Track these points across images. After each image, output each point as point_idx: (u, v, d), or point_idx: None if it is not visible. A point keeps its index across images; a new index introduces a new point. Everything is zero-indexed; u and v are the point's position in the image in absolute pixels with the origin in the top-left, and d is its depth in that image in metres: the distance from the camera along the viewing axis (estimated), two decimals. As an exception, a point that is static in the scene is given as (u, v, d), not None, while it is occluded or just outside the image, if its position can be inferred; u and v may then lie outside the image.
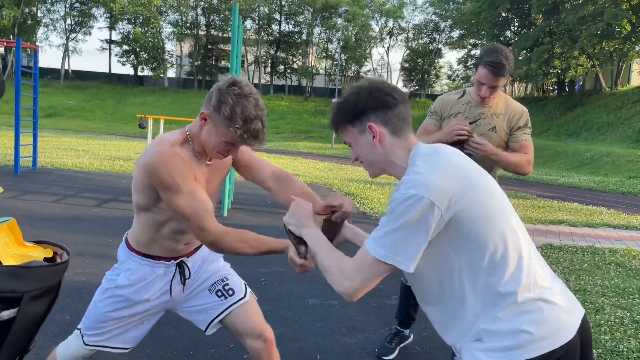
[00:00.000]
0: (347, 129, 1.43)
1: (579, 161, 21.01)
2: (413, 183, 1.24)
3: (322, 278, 4.37)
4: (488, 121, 2.60)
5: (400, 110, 1.39)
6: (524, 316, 1.22)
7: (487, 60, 2.39)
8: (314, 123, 42.28)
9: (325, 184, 11.24)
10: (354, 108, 1.40)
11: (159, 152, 1.67)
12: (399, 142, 1.38)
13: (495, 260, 1.23)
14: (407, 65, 54.43)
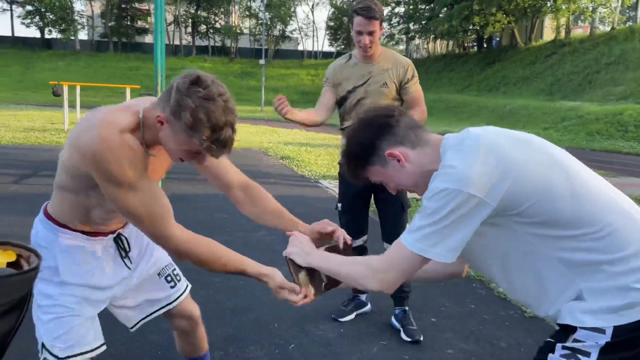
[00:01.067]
0: (369, 170, 1.35)
1: (499, 115, 22.08)
2: (446, 177, 1.17)
3: (269, 245, 4.33)
4: (378, 78, 2.70)
5: (404, 121, 1.33)
6: (632, 274, 1.12)
7: (357, 8, 2.55)
8: (241, 85, 41.29)
9: (260, 148, 11.07)
10: (363, 149, 1.33)
11: (106, 139, 1.35)
12: (423, 150, 1.31)
13: (578, 226, 1.15)
14: (332, 24, 54.00)
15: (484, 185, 1.14)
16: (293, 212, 5.28)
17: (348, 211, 2.93)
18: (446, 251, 1.18)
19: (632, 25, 28.19)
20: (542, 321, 3.01)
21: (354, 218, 2.93)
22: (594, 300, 1.15)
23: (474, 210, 1.15)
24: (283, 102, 2.62)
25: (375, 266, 1.26)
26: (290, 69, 47.38)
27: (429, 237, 1.18)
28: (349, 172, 1.41)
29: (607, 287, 1.14)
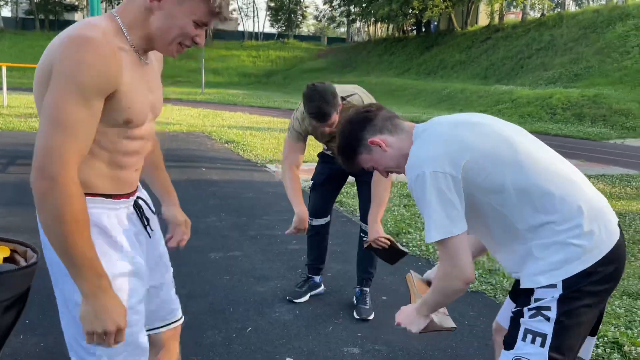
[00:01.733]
0: (359, 159, 1.56)
1: (438, 98, 22.74)
2: (411, 165, 1.40)
3: (220, 230, 4.31)
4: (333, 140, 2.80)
5: (383, 114, 1.54)
6: (570, 232, 1.32)
7: (310, 113, 2.42)
8: (180, 66, 40.01)
9: (202, 132, 10.86)
10: (350, 143, 1.54)
11: (84, 37, 1.10)
12: (400, 136, 1.52)
13: (524, 196, 1.34)
14: (272, 5, 53.25)
15: (444, 162, 1.34)
16: (242, 197, 5.31)
17: (319, 188, 3.02)
18: (456, 223, 1.35)
19: (560, 12, 29.66)
20: (482, 294, 3.21)
21: (322, 196, 3.03)
22: (542, 256, 1.34)
23: (447, 183, 1.33)
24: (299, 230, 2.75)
25: (445, 274, 1.41)
26: (230, 50, 46.42)
27: (437, 221, 1.34)
28: (344, 163, 1.61)
29: (550, 243, 1.34)
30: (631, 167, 8.60)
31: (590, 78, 20.24)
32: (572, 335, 1.33)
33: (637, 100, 15.89)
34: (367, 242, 2.61)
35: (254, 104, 20.96)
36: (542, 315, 1.33)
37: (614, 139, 13.00)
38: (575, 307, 1.32)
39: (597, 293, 1.34)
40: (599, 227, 1.34)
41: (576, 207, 1.34)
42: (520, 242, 1.38)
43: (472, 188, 1.36)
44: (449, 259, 1.37)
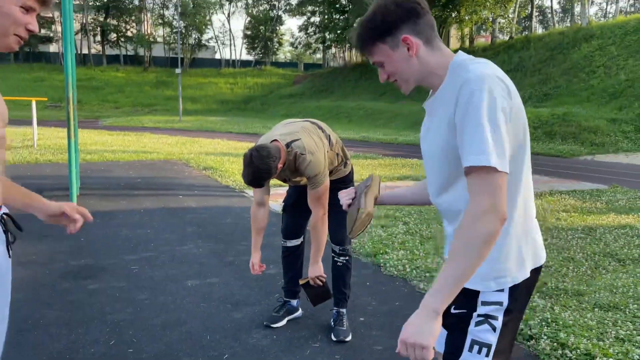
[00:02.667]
0: (378, 47, 1.31)
1: (413, 121, 23.09)
2: (478, 77, 1.18)
3: (197, 257, 4.29)
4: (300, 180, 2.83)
5: (430, 19, 1.31)
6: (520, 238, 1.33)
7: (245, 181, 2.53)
8: (157, 95, 40.03)
9: (180, 159, 10.83)
10: (383, 22, 1.28)
11: None
12: (432, 52, 1.30)
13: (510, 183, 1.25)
14: (249, 33, 53.87)
15: (506, 88, 1.20)
16: (220, 223, 5.34)
17: (290, 210, 3.05)
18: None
19: (528, 35, 30.63)
20: (460, 312, 3.25)
21: (292, 218, 3.06)
22: (495, 257, 1.26)
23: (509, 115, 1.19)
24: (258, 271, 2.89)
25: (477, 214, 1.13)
26: (208, 77, 46.62)
27: (499, 147, 1.15)
28: (358, 40, 1.35)
29: (504, 244, 1.27)
30: (601, 182, 8.84)
31: (559, 97, 20.86)
32: (508, 344, 1.32)
33: (604, 117, 16.40)
34: (306, 278, 2.81)
35: (232, 130, 21.00)
36: (489, 324, 1.28)
37: (584, 155, 13.36)
38: (515, 318, 1.31)
39: (526, 303, 1.37)
40: (539, 236, 1.37)
41: (531, 214, 1.34)
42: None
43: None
44: (492, 192, 1.11)
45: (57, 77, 40.13)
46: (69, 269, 3.93)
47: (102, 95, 38.67)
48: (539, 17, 57.50)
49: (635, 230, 5.27)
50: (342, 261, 2.99)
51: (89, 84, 40.12)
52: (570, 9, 36.80)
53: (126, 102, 37.42)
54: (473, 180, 1.15)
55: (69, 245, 4.53)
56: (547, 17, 58.56)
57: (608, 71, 20.95)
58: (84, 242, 4.66)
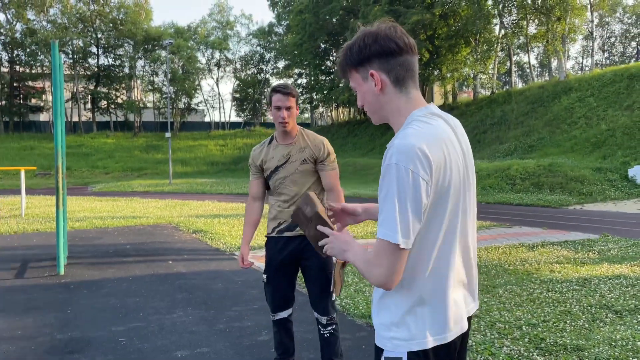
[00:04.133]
0: (352, 74, 1.39)
1: (403, 175, 23.30)
2: (397, 148, 1.23)
3: (187, 325, 4.18)
4: (297, 157, 2.82)
5: (405, 60, 1.33)
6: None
7: (275, 87, 2.79)
8: (147, 159, 40.25)
9: (170, 223, 10.75)
10: (359, 53, 1.35)
11: None
12: (400, 94, 1.34)
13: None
14: (237, 96, 55.13)
15: (428, 168, 1.23)
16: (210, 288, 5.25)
17: (273, 281, 2.89)
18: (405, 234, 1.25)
19: (508, 89, 31.67)
20: None
21: (278, 289, 2.89)
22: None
23: (426, 189, 1.23)
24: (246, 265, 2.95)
25: (372, 269, 1.26)
26: (197, 140, 47.17)
27: (393, 221, 1.24)
28: (339, 65, 1.43)
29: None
30: (591, 231, 8.87)
31: (543, 148, 21.29)
32: None
33: (589, 167, 16.69)
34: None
35: (222, 191, 21.02)
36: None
37: (573, 205, 13.47)
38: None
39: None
40: (456, 305, 1.38)
41: (448, 280, 1.35)
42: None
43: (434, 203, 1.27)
44: (387, 264, 1.22)
45: (47, 145, 40.39)
46: (54, 343, 3.79)
47: (91, 161, 38.83)
48: (518, 72, 59.72)
49: (629, 280, 5.25)
50: (330, 331, 2.86)
51: (78, 151, 40.36)
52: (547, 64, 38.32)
53: (116, 167, 37.53)
54: (378, 244, 1.24)
55: (55, 318, 4.40)
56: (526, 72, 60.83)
57: (589, 121, 21.55)
58: (71, 313, 4.53)
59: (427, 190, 1.22)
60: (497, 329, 3.85)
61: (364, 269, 1.28)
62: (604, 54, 61.20)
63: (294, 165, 2.81)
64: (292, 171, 2.81)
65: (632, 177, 15.83)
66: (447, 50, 32.09)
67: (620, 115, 20.50)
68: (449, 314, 1.32)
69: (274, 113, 2.77)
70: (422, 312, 1.30)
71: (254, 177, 2.97)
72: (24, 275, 6.03)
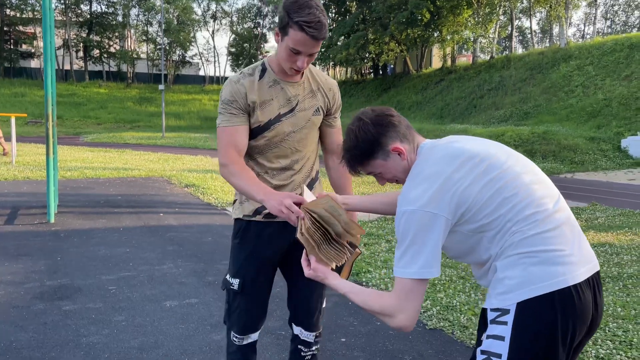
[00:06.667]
0: (371, 164, 1.47)
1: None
2: (403, 200, 1.35)
3: (176, 277, 4.22)
4: (309, 103, 1.91)
5: (403, 121, 1.48)
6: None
7: (303, 21, 1.65)
8: (139, 111, 39.77)
9: (162, 176, 10.72)
10: (369, 144, 1.45)
11: None
12: (413, 147, 1.48)
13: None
14: (233, 50, 54.07)
15: (440, 203, 1.31)
16: (201, 242, 5.23)
17: (251, 288, 1.96)
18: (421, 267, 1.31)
19: (508, 55, 31.24)
20: (441, 332, 3.23)
21: (257, 299, 2.00)
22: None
23: (439, 224, 1.31)
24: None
25: (390, 306, 1.35)
26: (191, 94, 46.54)
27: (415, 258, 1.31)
28: (350, 166, 1.50)
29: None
30: (581, 200, 8.96)
31: (538, 116, 21.22)
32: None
33: (583, 136, 16.71)
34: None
35: (215, 147, 20.90)
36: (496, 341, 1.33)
37: (564, 173, 13.56)
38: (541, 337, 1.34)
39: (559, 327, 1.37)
40: (559, 253, 1.40)
41: (535, 230, 1.38)
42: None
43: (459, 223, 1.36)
44: (404, 299, 1.32)
45: (37, 92, 39.69)
46: (44, 289, 3.83)
47: (83, 111, 38.29)
48: (518, 38, 58.87)
49: (614, 248, 5.34)
50: (314, 352, 2.06)
51: (70, 100, 39.74)
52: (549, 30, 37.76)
53: (108, 119, 37.08)
54: (395, 283, 1.35)
55: (45, 265, 4.42)
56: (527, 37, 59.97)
57: (586, 90, 21.42)
58: (60, 261, 4.56)
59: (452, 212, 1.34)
60: (481, 290, 3.92)
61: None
62: (607, 22, 60.30)
63: (304, 114, 1.90)
64: (302, 124, 1.90)
65: (624, 147, 15.90)
66: (448, 11, 31.38)
67: (618, 85, 20.38)
68: (553, 257, 1.39)
69: (286, 54, 1.74)
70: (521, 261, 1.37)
71: (238, 121, 1.82)
72: (13, 222, 6.03)
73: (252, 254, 1.94)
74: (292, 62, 1.76)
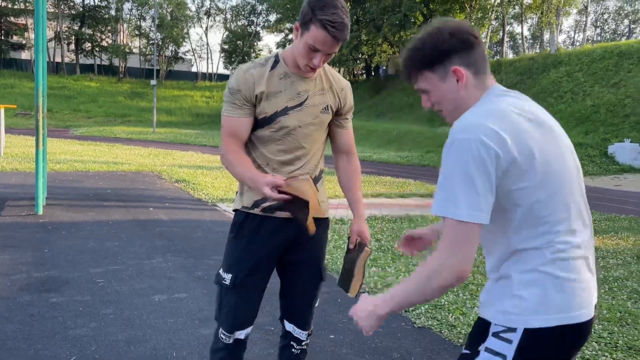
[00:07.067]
0: (425, 76, 1.28)
1: (387, 139, 23.36)
2: (458, 127, 1.17)
3: (165, 272, 4.21)
4: (319, 100, 1.88)
5: (482, 50, 1.28)
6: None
7: (327, 20, 1.66)
8: (130, 106, 39.48)
9: (152, 171, 10.67)
10: (435, 51, 1.25)
11: None
12: (479, 84, 1.27)
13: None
14: (226, 47, 53.88)
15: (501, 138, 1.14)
16: (191, 237, 5.21)
17: (244, 284, 1.91)
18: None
19: (499, 59, 31.47)
20: (429, 330, 3.25)
21: (249, 297, 1.94)
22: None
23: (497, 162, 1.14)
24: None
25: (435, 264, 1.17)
26: (183, 90, 46.29)
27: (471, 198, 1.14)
28: (405, 66, 1.32)
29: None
30: (568, 204, 9.05)
31: (529, 121, 21.38)
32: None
33: (571, 141, 16.87)
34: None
35: (206, 143, 20.82)
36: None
37: (553, 178, 13.69)
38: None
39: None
40: (577, 284, 1.24)
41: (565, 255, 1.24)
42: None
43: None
44: (455, 244, 1.14)
45: (28, 84, 39.25)
46: (31, 281, 3.80)
47: (74, 104, 37.93)
48: (510, 43, 59.29)
49: (600, 252, 5.40)
50: (304, 347, 2.06)
51: (60, 93, 39.34)
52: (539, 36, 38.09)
53: (99, 112, 36.76)
54: (444, 229, 1.16)
55: (32, 256, 4.39)
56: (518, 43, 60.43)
57: (575, 96, 21.65)
58: (48, 253, 4.52)
59: (501, 166, 1.14)
60: (469, 290, 3.96)
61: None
62: (596, 30, 60.94)
63: (312, 111, 1.87)
64: (308, 120, 1.86)
65: (611, 153, 16.10)
66: (441, 14, 31.54)
67: (606, 92, 20.61)
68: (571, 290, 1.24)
69: (305, 50, 1.73)
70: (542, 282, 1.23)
71: (243, 112, 1.82)
72: (0, 213, 5.97)
73: (246, 249, 1.90)
74: (309, 59, 1.75)
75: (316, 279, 2.01)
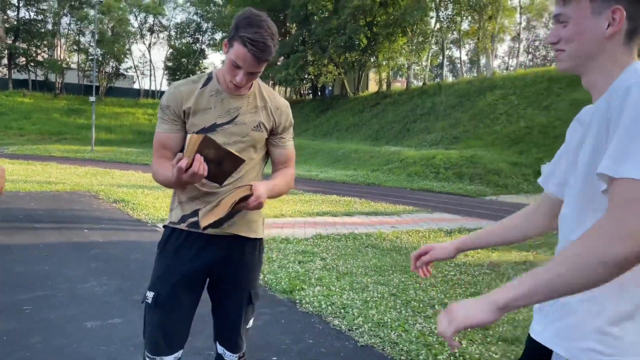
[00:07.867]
0: (580, 5, 1.05)
1: (333, 158, 23.61)
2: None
3: (100, 295, 4.01)
4: (250, 118, 1.84)
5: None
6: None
7: (248, 38, 1.66)
8: (67, 123, 37.95)
9: (89, 191, 10.23)
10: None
11: None
12: (625, 47, 1.04)
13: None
14: (170, 64, 53.03)
15: None
16: (128, 259, 5.03)
17: (167, 302, 1.81)
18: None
19: (439, 82, 32.72)
20: (372, 349, 3.26)
21: (174, 316, 1.83)
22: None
23: None
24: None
25: (603, 233, 0.87)
26: (125, 107, 45.03)
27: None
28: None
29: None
30: (504, 221, 9.43)
31: (467, 141, 22.28)
32: None
33: (507, 161, 17.69)
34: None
35: (148, 162, 20.26)
36: None
37: (489, 196, 14.25)
38: None
39: None
40: None
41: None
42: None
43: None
44: (632, 209, 0.85)
45: (-47, 99, 36.97)
46: (-52, 311, 3.51)
47: (5, 121, 36.00)
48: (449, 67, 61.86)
49: (534, 265, 5.63)
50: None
51: (-10, 109, 37.30)
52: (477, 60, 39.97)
53: (32, 130, 35.07)
54: (616, 192, 0.89)
55: (-50, 284, 4.07)
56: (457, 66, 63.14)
57: (510, 118, 22.76)
58: (-31, 280, 4.21)
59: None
60: (412, 307, 4.01)
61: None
62: (528, 55, 64.73)
63: (243, 129, 1.82)
64: (237, 138, 1.82)
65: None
66: (384, 38, 32.53)
67: (539, 114, 21.81)
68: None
69: (228, 66, 1.74)
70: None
71: (172, 127, 1.83)
72: None
73: (169, 267, 1.84)
74: (232, 75, 1.75)
75: (245, 301, 1.93)
